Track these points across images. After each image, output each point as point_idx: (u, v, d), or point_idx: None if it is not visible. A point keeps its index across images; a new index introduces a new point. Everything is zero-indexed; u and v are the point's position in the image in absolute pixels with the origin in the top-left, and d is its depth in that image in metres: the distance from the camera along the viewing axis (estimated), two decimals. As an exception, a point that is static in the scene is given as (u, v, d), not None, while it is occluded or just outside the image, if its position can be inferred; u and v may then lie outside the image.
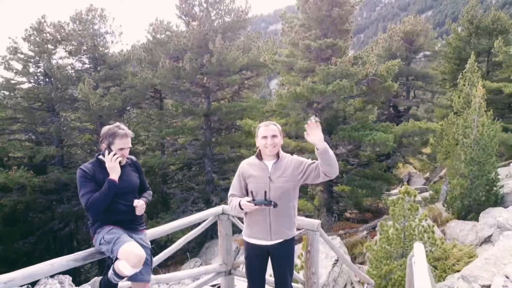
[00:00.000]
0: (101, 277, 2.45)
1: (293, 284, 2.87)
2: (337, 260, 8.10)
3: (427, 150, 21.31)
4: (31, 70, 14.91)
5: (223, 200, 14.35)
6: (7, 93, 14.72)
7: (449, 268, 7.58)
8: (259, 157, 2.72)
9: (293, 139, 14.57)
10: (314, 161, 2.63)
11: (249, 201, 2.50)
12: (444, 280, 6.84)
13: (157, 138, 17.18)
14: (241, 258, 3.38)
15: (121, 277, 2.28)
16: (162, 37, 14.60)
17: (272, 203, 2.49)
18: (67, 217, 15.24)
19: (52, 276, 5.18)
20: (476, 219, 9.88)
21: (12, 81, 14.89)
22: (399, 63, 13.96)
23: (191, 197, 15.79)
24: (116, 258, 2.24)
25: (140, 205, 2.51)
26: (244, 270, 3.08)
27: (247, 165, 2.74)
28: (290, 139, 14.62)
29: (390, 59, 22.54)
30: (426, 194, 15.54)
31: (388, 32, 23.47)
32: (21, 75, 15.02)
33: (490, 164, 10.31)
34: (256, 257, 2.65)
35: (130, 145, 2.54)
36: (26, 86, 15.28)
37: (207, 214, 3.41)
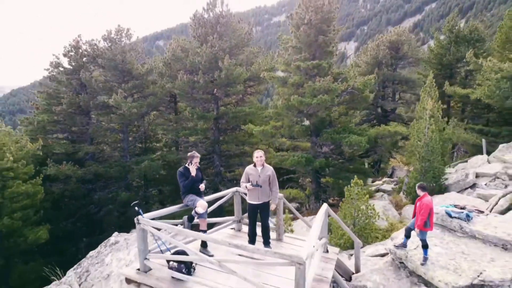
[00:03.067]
0: (187, 215, 5.54)
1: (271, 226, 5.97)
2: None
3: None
4: (72, 81, 17.97)
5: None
6: (52, 101, 17.83)
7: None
8: (254, 165, 5.80)
9: (287, 139, 17.68)
10: (273, 174, 5.68)
11: (250, 185, 5.58)
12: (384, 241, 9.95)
13: (174, 137, 20.33)
14: (245, 215, 6.47)
15: (197, 214, 5.38)
16: (180, 54, 17.55)
17: (260, 186, 5.58)
18: (101, 203, 18.50)
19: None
20: (425, 204, 12.95)
21: (56, 91, 18.03)
22: (374, 77, 16.90)
23: (202, 187, 18.91)
24: (195, 206, 5.35)
25: (202, 187, 5.64)
26: (247, 220, 6.20)
27: (249, 169, 5.81)
28: (285, 139, 17.74)
29: (377, 65, 25.49)
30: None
31: (375, 42, 26.20)
32: (63, 86, 18.14)
33: (437, 161, 13.34)
34: (252, 210, 5.73)
35: (199, 159, 5.62)
36: (66, 94, 18.37)
37: (228, 192, 6.52)
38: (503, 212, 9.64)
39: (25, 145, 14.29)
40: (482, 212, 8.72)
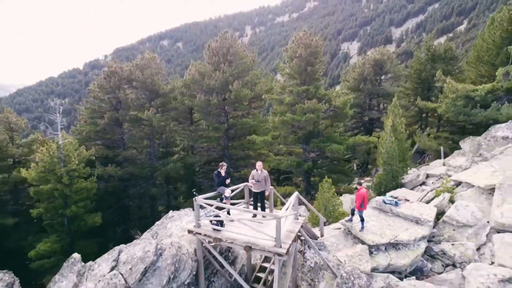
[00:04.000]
0: (219, 198, 9.84)
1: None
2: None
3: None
4: (111, 100, 22.46)
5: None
6: (95, 114, 22.35)
7: (354, 219, 14.99)
8: (256, 170, 10.12)
9: (284, 145, 22.01)
10: (267, 175, 10.00)
11: (254, 181, 9.92)
12: (346, 222, 14.23)
13: (190, 143, 24.79)
14: (251, 199, 10.82)
15: (225, 197, 9.68)
16: (197, 77, 21.94)
17: (259, 181, 9.92)
18: (134, 197, 22.99)
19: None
20: (384, 197, 17.17)
21: (100, 107, 22.55)
22: (353, 96, 21.17)
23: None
24: (224, 193, 9.69)
25: (228, 181, 10.00)
26: (252, 202, 10.57)
27: (253, 172, 10.12)
28: (282, 146, 22.07)
29: (363, 81, 29.72)
30: (375, 183, 22.85)
31: (362, 60, 30.41)
32: (103, 103, 22.65)
33: (395, 165, 17.56)
34: (255, 195, 10.01)
35: (226, 167, 9.93)
36: (107, 110, 22.85)
37: (241, 185, 10.86)
38: (429, 201, 13.90)
39: (82, 152, 18.76)
40: (408, 200, 13.03)
